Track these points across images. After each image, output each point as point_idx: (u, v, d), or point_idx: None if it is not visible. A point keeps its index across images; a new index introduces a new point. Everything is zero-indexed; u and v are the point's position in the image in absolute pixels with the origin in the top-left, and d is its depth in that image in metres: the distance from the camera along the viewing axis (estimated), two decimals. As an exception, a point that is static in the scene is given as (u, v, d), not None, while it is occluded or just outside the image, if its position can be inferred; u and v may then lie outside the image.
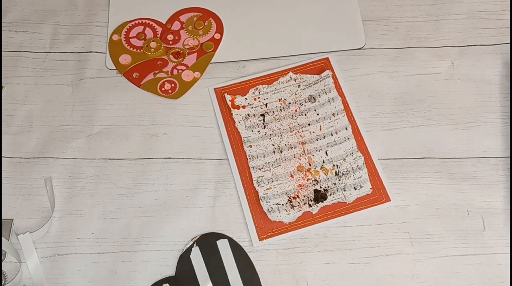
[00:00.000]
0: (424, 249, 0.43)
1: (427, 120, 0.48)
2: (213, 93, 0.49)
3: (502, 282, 0.41)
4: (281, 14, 0.53)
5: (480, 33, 0.52)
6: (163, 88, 0.49)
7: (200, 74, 0.50)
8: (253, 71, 0.50)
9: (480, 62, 0.50)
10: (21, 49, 0.52)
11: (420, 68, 0.50)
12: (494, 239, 0.43)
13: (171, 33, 0.52)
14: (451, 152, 0.46)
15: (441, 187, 0.45)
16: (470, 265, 0.42)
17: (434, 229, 0.43)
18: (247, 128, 0.47)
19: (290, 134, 0.47)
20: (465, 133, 0.47)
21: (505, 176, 0.45)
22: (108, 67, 0.50)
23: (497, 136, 0.47)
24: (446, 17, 0.53)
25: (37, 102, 0.49)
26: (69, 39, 0.52)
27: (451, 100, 0.49)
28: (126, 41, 0.51)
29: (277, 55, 0.51)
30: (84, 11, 0.54)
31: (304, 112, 0.48)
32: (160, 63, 0.50)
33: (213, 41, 0.52)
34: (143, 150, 0.47)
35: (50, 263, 0.42)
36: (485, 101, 0.49)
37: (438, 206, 0.44)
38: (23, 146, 0.47)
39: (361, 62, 0.50)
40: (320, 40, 0.51)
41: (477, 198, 0.44)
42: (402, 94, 0.49)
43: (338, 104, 0.48)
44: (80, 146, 0.47)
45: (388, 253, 0.42)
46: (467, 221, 0.43)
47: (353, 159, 0.45)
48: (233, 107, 0.48)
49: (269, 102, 0.48)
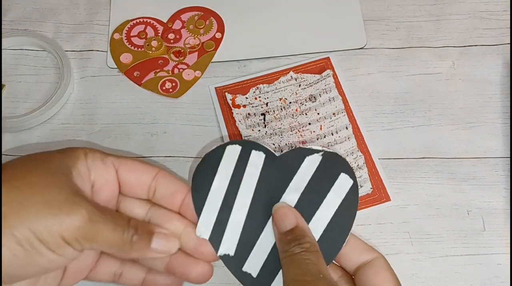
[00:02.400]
0: (424, 249, 0.43)
1: (428, 120, 0.48)
2: (214, 92, 0.49)
3: (502, 282, 0.41)
4: (282, 14, 0.53)
5: (481, 33, 0.52)
6: (164, 87, 0.49)
7: (201, 73, 0.50)
8: (254, 70, 0.50)
9: (481, 62, 0.50)
10: (23, 47, 0.52)
11: (421, 68, 0.50)
12: (494, 239, 0.43)
13: (172, 32, 0.52)
14: (452, 152, 0.46)
15: (442, 187, 0.45)
16: (470, 265, 0.42)
17: (434, 229, 0.43)
18: (248, 127, 0.47)
19: (291, 134, 0.47)
20: (466, 133, 0.47)
21: (505, 176, 0.45)
22: (109, 66, 0.51)
23: (498, 136, 0.47)
24: (447, 17, 0.53)
25: (38, 101, 0.49)
26: (70, 38, 0.52)
27: (452, 100, 0.49)
28: (127, 40, 0.52)
29: (278, 54, 0.51)
30: (86, 9, 0.54)
31: (304, 111, 0.48)
32: (161, 62, 0.51)
33: (214, 41, 0.52)
34: (143, 148, 0.47)
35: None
36: (486, 102, 0.49)
37: (438, 206, 0.44)
38: (24, 144, 0.47)
39: (362, 62, 0.51)
40: (321, 40, 0.51)
41: (477, 198, 0.44)
42: (403, 94, 0.49)
43: (338, 104, 0.48)
44: (81, 144, 0.47)
45: (388, 252, 0.42)
46: (467, 221, 0.43)
47: (353, 159, 0.45)
48: (233, 106, 0.48)
49: (269, 102, 0.48)
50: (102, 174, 0.30)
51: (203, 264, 0.32)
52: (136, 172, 0.31)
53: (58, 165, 0.28)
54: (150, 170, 0.32)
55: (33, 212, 0.26)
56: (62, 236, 0.26)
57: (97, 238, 0.27)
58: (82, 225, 0.26)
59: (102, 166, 0.30)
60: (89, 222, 0.27)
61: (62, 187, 0.27)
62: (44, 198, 0.26)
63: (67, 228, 0.26)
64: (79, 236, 0.27)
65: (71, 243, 0.27)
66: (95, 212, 0.27)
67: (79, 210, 0.27)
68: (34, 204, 0.26)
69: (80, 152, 0.30)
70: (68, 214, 0.26)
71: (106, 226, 0.28)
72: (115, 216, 0.29)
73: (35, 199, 0.26)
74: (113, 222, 0.28)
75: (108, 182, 0.31)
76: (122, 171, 0.31)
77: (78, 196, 0.27)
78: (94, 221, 0.27)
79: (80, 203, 0.27)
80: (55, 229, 0.26)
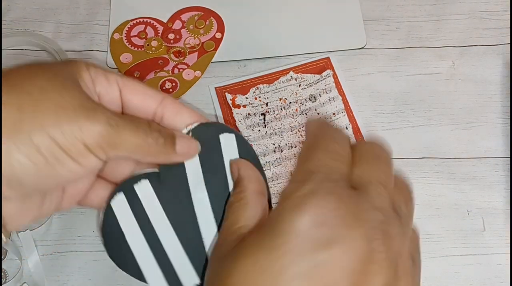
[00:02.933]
0: (424, 249, 0.42)
1: (428, 120, 0.48)
2: (214, 92, 0.49)
3: (502, 282, 0.41)
4: (282, 14, 0.53)
5: (481, 33, 0.52)
6: (164, 87, 0.49)
7: (201, 73, 0.50)
8: (254, 70, 0.50)
9: (481, 62, 0.50)
10: (23, 47, 0.52)
11: (421, 68, 0.50)
12: (494, 239, 0.43)
13: (172, 32, 0.52)
14: (452, 152, 0.46)
15: (442, 187, 0.45)
16: (470, 265, 0.42)
17: (434, 229, 0.43)
18: (248, 127, 0.47)
19: (291, 134, 0.47)
20: (466, 133, 0.47)
21: (505, 176, 0.45)
22: (109, 66, 0.51)
23: (498, 136, 0.47)
24: (447, 17, 0.53)
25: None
26: (70, 38, 0.52)
27: (452, 100, 0.49)
28: (127, 40, 0.52)
29: (278, 54, 0.51)
30: (86, 9, 0.54)
31: (304, 111, 0.48)
32: (161, 62, 0.51)
33: (214, 40, 0.52)
34: (143, 148, 0.47)
35: (51, 260, 0.42)
36: (485, 102, 0.49)
37: (438, 206, 0.44)
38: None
39: (362, 62, 0.51)
40: (321, 40, 0.51)
41: (477, 198, 0.44)
42: (402, 94, 0.49)
43: (338, 104, 0.48)
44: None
45: (388, 252, 0.42)
46: (467, 221, 0.43)
47: (353, 159, 0.45)
48: (233, 106, 0.48)
49: (269, 102, 0.48)
50: (106, 90, 0.28)
51: None
52: (140, 95, 0.29)
53: (64, 72, 0.26)
54: (155, 95, 0.29)
55: (51, 118, 0.23)
56: (85, 143, 0.24)
57: (121, 144, 0.25)
58: (104, 130, 0.24)
59: (105, 82, 0.28)
60: (110, 127, 0.24)
61: (74, 92, 0.25)
62: (58, 103, 0.23)
63: (89, 134, 0.24)
64: (102, 142, 0.24)
65: (95, 150, 0.24)
66: (114, 116, 0.25)
67: (97, 115, 0.24)
68: (50, 108, 0.23)
69: (82, 64, 0.27)
70: (88, 118, 0.24)
71: (129, 130, 0.25)
72: (134, 120, 0.26)
73: (50, 103, 0.23)
74: (134, 125, 0.26)
75: (112, 100, 0.28)
76: (126, 92, 0.28)
77: (92, 101, 0.25)
78: (115, 125, 0.24)
79: (96, 108, 0.24)
80: (77, 135, 0.23)
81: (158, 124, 0.28)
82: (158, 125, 0.28)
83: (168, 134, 0.28)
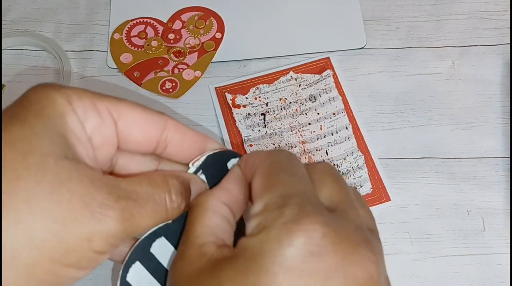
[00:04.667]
0: (424, 249, 0.43)
1: (428, 120, 0.48)
2: (214, 92, 0.49)
3: (502, 282, 0.41)
4: (282, 14, 0.53)
5: (481, 33, 0.52)
6: (164, 87, 0.49)
7: (201, 73, 0.50)
8: (254, 70, 0.50)
9: (481, 62, 0.50)
10: (23, 47, 0.52)
11: (421, 68, 0.50)
12: (494, 239, 0.43)
13: (172, 32, 0.52)
14: (452, 152, 0.46)
15: (442, 187, 0.45)
16: (470, 265, 0.42)
17: (434, 229, 0.43)
18: (248, 127, 0.47)
19: (291, 134, 0.47)
20: (466, 133, 0.47)
21: (505, 176, 0.45)
22: (109, 66, 0.51)
23: (498, 136, 0.47)
24: (447, 17, 0.53)
25: (38, 101, 0.49)
26: (70, 38, 0.52)
27: (452, 100, 0.49)
28: (127, 40, 0.52)
29: (278, 54, 0.51)
30: (86, 9, 0.54)
31: (304, 111, 0.48)
32: (161, 62, 0.51)
33: (214, 41, 0.52)
34: (143, 148, 0.47)
35: (51, 260, 0.42)
36: (485, 102, 0.49)
37: (438, 206, 0.44)
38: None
39: (362, 62, 0.51)
40: (321, 40, 0.51)
41: (477, 198, 0.44)
42: (402, 94, 0.49)
43: (338, 104, 0.48)
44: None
45: (388, 252, 0.42)
46: (467, 221, 0.43)
47: (353, 159, 0.45)
48: (233, 107, 0.48)
49: (269, 102, 0.48)
50: (98, 129, 0.23)
51: None
52: (140, 125, 0.24)
53: (46, 137, 0.20)
54: (157, 120, 0.24)
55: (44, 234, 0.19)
56: (94, 250, 0.21)
57: (137, 231, 0.22)
58: (116, 229, 0.20)
59: (96, 116, 0.23)
60: (125, 221, 0.21)
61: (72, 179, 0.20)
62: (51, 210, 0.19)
63: (98, 239, 0.20)
64: (114, 242, 0.21)
65: (105, 250, 0.21)
66: (128, 202, 0.21)
67: (108, 210, 0.20)
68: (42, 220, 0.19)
69: (63, 100, 0.22)
70: (94, 218, 0.20)
71: (145, 215, 0.21)
72: (149, 191, 0.22)
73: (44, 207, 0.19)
74: (152, 202, 0.22)
75: (107, 140, 0.23)
76: (123, 124, 0.23)
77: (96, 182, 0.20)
78: (130, 217, 0.21)
79: (104, 202, 0.20)
80: (85, 246, 0.20)
81: (175, 177, 0.24)
82: (177, 183, 0.24)
83: (187, 186, 0.24)
